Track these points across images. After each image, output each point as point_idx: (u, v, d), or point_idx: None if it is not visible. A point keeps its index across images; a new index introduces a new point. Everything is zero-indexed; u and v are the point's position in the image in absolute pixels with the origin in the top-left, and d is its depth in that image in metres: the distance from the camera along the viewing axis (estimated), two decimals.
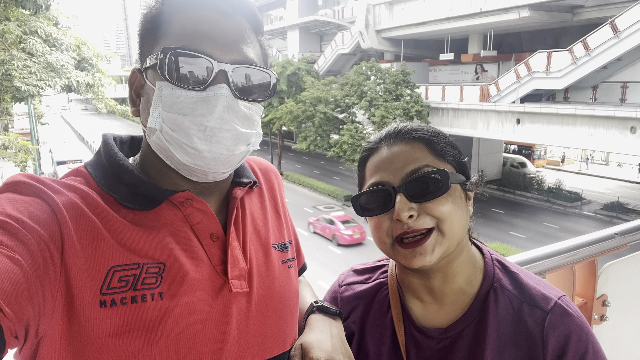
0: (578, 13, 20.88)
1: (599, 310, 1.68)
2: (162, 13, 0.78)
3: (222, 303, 0.78)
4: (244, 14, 0.81)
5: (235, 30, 0.78)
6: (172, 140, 0.75)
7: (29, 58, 10.52)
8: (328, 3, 39.11)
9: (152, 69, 0.77)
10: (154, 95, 0.76)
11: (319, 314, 0.98)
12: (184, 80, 0.74)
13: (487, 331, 0.89)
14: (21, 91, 10.09)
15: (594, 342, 0.87)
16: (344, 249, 17.20)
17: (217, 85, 0.75)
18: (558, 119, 18.36)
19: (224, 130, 0.76)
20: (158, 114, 0.75)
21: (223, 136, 0.76)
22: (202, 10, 0.77)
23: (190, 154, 0.76)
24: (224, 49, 0.76)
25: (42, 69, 10.66)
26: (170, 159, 0.79)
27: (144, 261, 0.73)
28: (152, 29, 0.79)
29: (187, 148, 0.75)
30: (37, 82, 10.48)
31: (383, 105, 21.72)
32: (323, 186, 25.30)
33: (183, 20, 0.76)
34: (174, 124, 0.75)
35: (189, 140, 0.74)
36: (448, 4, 22.97)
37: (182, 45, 0.74)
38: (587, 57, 17.35)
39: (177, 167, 0.79)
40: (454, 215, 0.88)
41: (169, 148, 0.76)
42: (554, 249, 1.53)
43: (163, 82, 0.75)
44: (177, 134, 0.75)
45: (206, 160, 0.76)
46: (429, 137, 0.94)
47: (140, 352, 0.69)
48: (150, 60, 0.77)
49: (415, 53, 29.19)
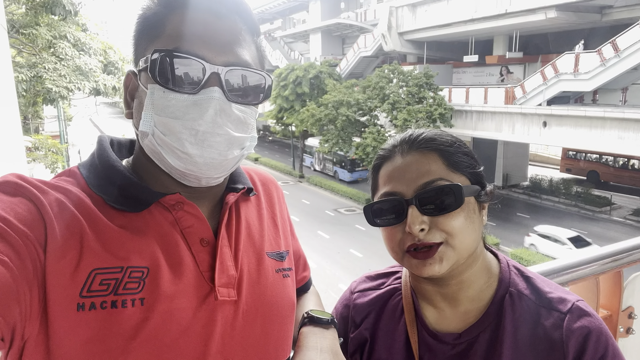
0: (607, 13, 20.34)
1: (624, 322, 1.62)
2: (155, 14, 0.77)
3: (207, 312, 0.75)
4: (239, 15, 0.79)
5: (229, 32, 0.77)
6: (164, 144, 0.74)
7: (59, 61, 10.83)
8: (350, 6, 39.10)
9: (144, 72, 0.75)
10: (145, 98, 0.75)
11: (310, 326, 0.94)
12: (175, 83, 0.73)
13: (504, 336, 0.87)
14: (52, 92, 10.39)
15: (614, 345, 0.85)
16: (365, 251, 17.13)
17: (210, 89, 0.73)
18: (586, 121, 17.90)
19: (216, 134, 0.74)
20: (150, 117, 0.74)
21: (215, 140, 0.74)
22: (196, 12, 0.75)
23: (182, 159, 0.74)
24: (217, 51, 0.75)
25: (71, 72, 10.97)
26: (162, 163, 0.77)
27: (128, 265, 0.70)
28: (145, 31, 0.78)
29: (179, 152, 0.74)
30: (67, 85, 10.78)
31: (406, 109, 21.57)
32: (344, 189, 25.23)
33: (176, 22, 0.75)
34: (166, 128, 0.73)
35: (180, 145, 0.73)
36: (472, 5, 22.68)
37: (174, 47, 0.73)
38: (617, 58, 16.88)
39: (170, 171, 0.78)
40: (465, 230, 0.87)
41: (160, 152, 0.75)
42: (577, 259, 1.49)
43: (155, 85, 0.73)
44: (169, 138, 0.73)
45: (198, 165, 0.75)
46: (444, 148, 0.91)
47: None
48: (142, 62, 0.76)
49: (439, 55, 28.93)
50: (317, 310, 0.99)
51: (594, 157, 24.90)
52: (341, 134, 24.15)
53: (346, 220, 21.29)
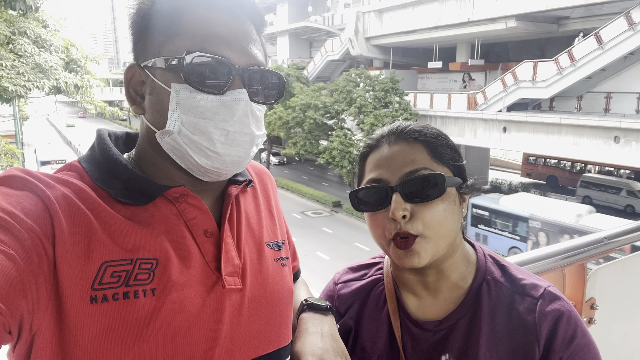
0: (564, 24, 21.29)
1: (587, 313, 1.72)
2: (172, 10, 0.76)
3: (215, 300, 0.77)
4: (248, 15, 0.80)
5: (244, 33, 0.79)
6: (192, 143, 0.75)
7: (17, 59, 10.39)
8: (318, 10, 39.27)
9: (165, 70, 0.75)
10: (170, 98, 0.75)
11: (310, 312, 0.98)
12: (204, 83, 0.74)
13: (481, 322, 0.92)
14: (8, 92, 9.95)
15: (582, 326, 0.90)
16: (331, 254, 17.19)
17: (237, 90, 0.76)
18: (544, 127, 18.64)
19: (244, 134, 0.77)
20: (177, 116, 0.75)
21: (243, 140, 0.78)
22: (213, 11, 0.76)
23: (211, 157, 0.76)
24: (239, 52, 0.77)
25: (30, 70, 10.53)
26: (184, 161, 0.78)
27: (137, 257, 0.72)
28: (160, 26, 0.76)
29: (208, 152, 0.76)
30: (25, 83, 10.34)
31: (372, 113, 21.84)
32: (311, 192, 25.24)
33: (195, 21, 0.75)
34: (195, 128, 0.75)
35: (211, 144, 0.75)
36: (437, 13, 23.24)
37: (200, 48, 0.74)
38: (572, 67, 17.68)
39: (190, 168, 0.79)
40: (444, 220, 0.90)
41: (187, 151, 0.76)
42: (545, 251, 1.57)
43: (180, 84, 0.74)
44: (198, 137, 0.75)
45: (225, 163, 0.78)
46: (429, 140, 0.95)
47: (131, 349, 0.68)
48: (161, 60, 0.75)
49: (404, 61, 29.44)
50: (314, 298, 1.03)
51: (552, 163, 25.88)
52: (308, 136, 24.20)
53: (313, 223, 21.34)
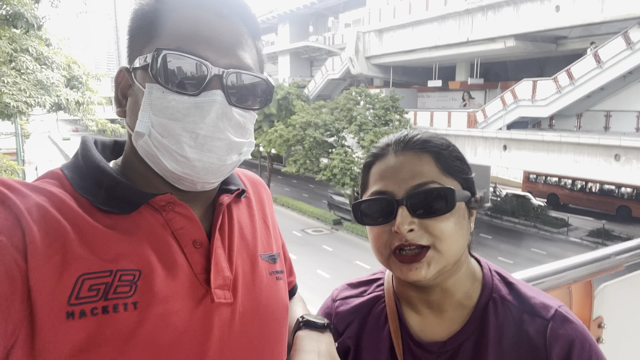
0: (562, 44, 21.48)
1: (595, 332, 1.66)
2: (155, 10, 0.73)
3: (203, 314, 0.72)
4: (241, 17, 0.77)
5: (232, 34, 0.75)
6: (161, 146, 0.71)
7: (19, 75, 10.46)
8: (319, 29, 39.82)
9: (142, 70, 0.72)
10: (143, 98, 0.71)
11: (306, 330, 0.93)
12: (176, 83, 0.70)
13: (488, 343, 0.87)
14: (10, 107, 9.97)
15: (598, 352, 0.85)
16: (332, 272, 17.04)
17: (211, 91, 0.71)
18: (544, 145, 18.65)
19: (217, 138, 0.72)
20: (147, 118, 0.71)
21: (215, 145, 0.72)
22: (199, 11, 0.73)
23: (180, 162, 0.72)
24: (220, 53, 0.73)
25: (32, 87, 10.60)
26: (157, 166, 0.74)
27: (117, 268, 0.67)
28: (143, 27, 0.74)
29: (177, 156, 0.71)
30: (27, 99, 10.39)
31: (372, 130, 21.92)
32: (312, 209, 25.20)
33: (178, 20, 0.72)
34: (164, 130, 0.70)
35: (179, 148, 0.70)
36: (436, 33, 23.50)
37: (177, 47, 0.70)
38: (572, 86, 17.77)
39: (164, 174, 0.75)
40: (454, 235, 0.86)
41: (156, 154, 0.72)
42: (550, 268, 1.52)
43: (153, 84, 0.71)
44: (167, 140, 0.70)
45: (196, 170, 0.72)
46: (439, 151, 0.91)
47: None
48: (140, 60, 0.73)
49: (404, 79, 29.69)
50: (311, 315, 0.98)
51: (553, 181, 25.85)
52: (309, 154, 24.24)
53: (313, 241, 21.19)
